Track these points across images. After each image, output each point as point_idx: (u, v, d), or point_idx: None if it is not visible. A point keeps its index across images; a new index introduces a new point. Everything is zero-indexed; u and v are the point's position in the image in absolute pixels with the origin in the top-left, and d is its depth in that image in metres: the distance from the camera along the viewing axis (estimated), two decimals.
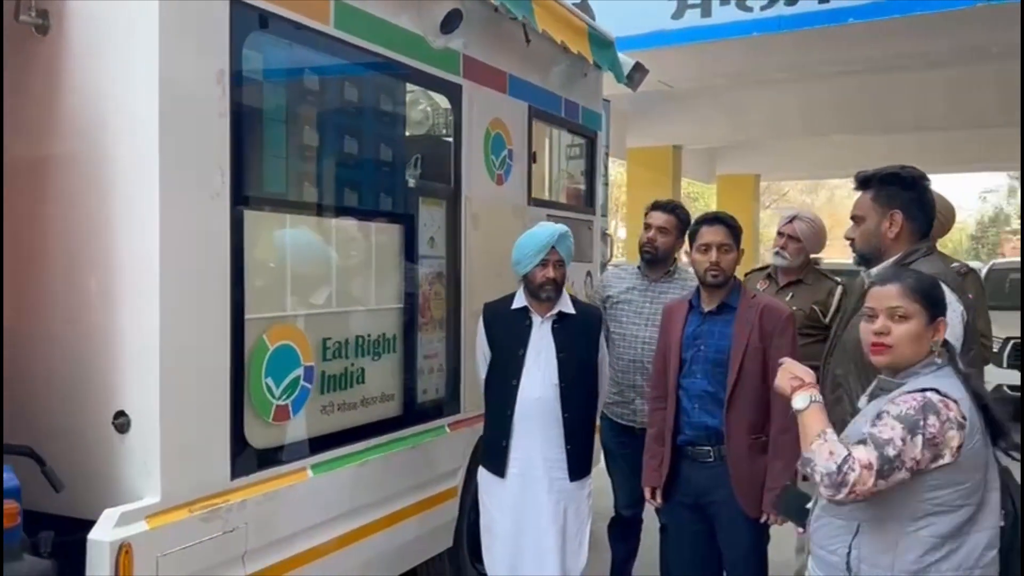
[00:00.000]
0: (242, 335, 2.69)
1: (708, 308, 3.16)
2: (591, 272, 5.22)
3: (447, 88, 3.79)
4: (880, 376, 2.16)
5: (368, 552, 3.27)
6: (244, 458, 2.70)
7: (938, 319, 2.11)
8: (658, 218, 3.96)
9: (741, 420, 3.04)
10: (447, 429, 3.79)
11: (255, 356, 2.76)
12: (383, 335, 3.43)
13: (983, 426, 2.01)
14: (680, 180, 14.49)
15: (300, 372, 2.96)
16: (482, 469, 3.44)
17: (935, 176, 2.81)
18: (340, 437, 3.17)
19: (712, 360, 3.08)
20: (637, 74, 5.44)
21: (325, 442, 3.09)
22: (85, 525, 2.30)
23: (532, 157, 4.52)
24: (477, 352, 3.53)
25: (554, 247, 3.29)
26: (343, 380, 3.20)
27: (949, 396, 1.98)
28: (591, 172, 5.40)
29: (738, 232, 3.19)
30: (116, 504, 2.34)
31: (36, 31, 2.53)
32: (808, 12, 7.82)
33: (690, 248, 3.22)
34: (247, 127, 2.72)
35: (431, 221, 3.72)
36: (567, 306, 3.38)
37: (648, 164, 13.23)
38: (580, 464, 3.35)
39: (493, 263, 3.94)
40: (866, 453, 1.91)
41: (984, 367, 3.29)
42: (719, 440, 3.07)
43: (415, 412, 3.61)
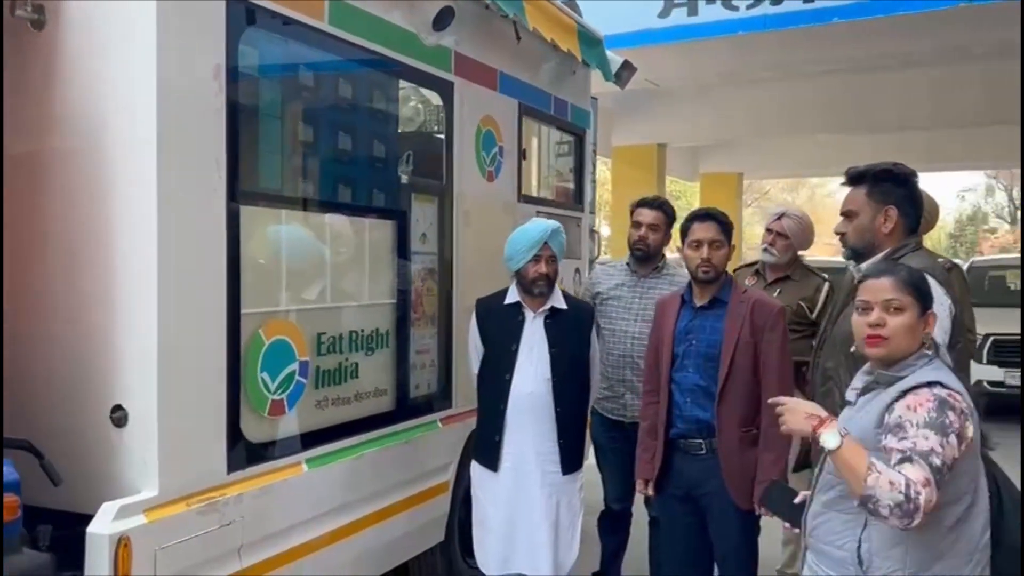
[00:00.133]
0: (238, 330, 2.70)
1: (700, 303, 3.20)
2: (579, 269, 5.26)
3: (439, 85, 3.81)
4: (878, 371, 2.16)
5: (362, 546, 3.29)
6: (240, 452, 2.71)
7: (928, 312, 2.14)
8: (647, 215, 4.00)
9: (732, 413, 3.08)
10: (439, 424, 3.81)
11: (251, 351, 2.77)
12: (376, 330, 3.45)
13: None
14: (665, 178, 14.55)
15: (295, 367, 2.97)
16: (475, 463, 3.47)
17: None
18: (334, 432, 3.18)
19: (704, 354, 3.12)
20: (625, 72, 5.48)
21: (320, 437, 3.10)
22: (83, 519, 2.31)
23: (522, 154, 4.55)
24: (470, 347, 3.56)
25: (547, 243, 3.33)
26: (337, 375, 3.22)
27: (953, 388, 2.02)
28: (580, 169, 5.43)
29: (729, 228, 3.23)
30: (113, 498, 2.34)
31: (32, 26, 2.52)
32: (793, 11, 7.89)
33: (682, 244, 3.25)
34: (243, 123, 2.73)
35: (423, 217, 3.74)
36: (559, 301, 3.41)
37: (633, 162, 13.29)
38: (572, 458, 3.38)
39: (484, 259, 3.97)
40: (919, 471, 1.89)
41: (971, 358, 3.34)
42: (710, 433, 3.11)
43: (407, 407, 3.63)
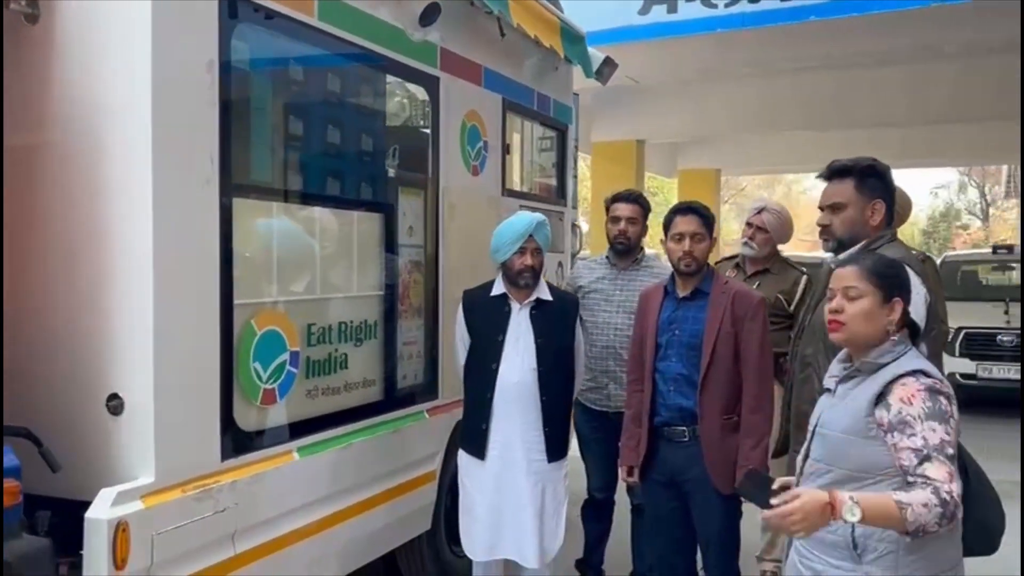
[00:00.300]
0: (231, 320, 2.74)
1: (682, 294, 3.28)
2: (562, 263, 5.33)
3: (425, 80, 3.86)
4: (860, 360, 2.22)
5: (351, 533, 3.34)
6: (233, 440, 2.76)
7: (894, 299, 2.20)
8: (625, 209, 4.08)
9: (714, 401, 3.17)
10: (426, 415, 3.87)
11: (243, 341, 2.82)
12: (365, 322, 3.50)
13: None
14: (644, 174, 14.64)
15: (286, 357, 3.02)
16: (462, 452, 3.54)
17: None
18: (324, 421, 3.23)
19: (687, 344, 3.20)
20: (606, 68, 5.55)
21: (310, 426, 3.15)
22: (80, 507, 2.34)
23: (506, 149, 4.61)
24: (456, 338, 3.62)
25: (532, 235, 3.40)
26: (327, 365, 3.27)
27: (935, 376, 2.11)
28: (562, 164, 5.50)
29: (711, 221, 3.31)
30: (110, 485, 2.37)
31: (26, 20, 2.55)
32: (770, 9, 8.01)
33: (664, 237, 3.33)
34: (235, 117, 2.77)
35: (410, 210, 3.79)
36: (545, 293, 3.48)
37: (612, 158, 13.36)
38: (558, 446, 3.46)
39: (469, 252, 4.03)
40: (941, 468, 1.97)
41: (943, 349, 3.45)
42: (693, 421, 3.19)
43: (395, 398, 3.68)
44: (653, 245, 5.73)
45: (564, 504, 3.51)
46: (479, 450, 3.43)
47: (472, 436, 3.47)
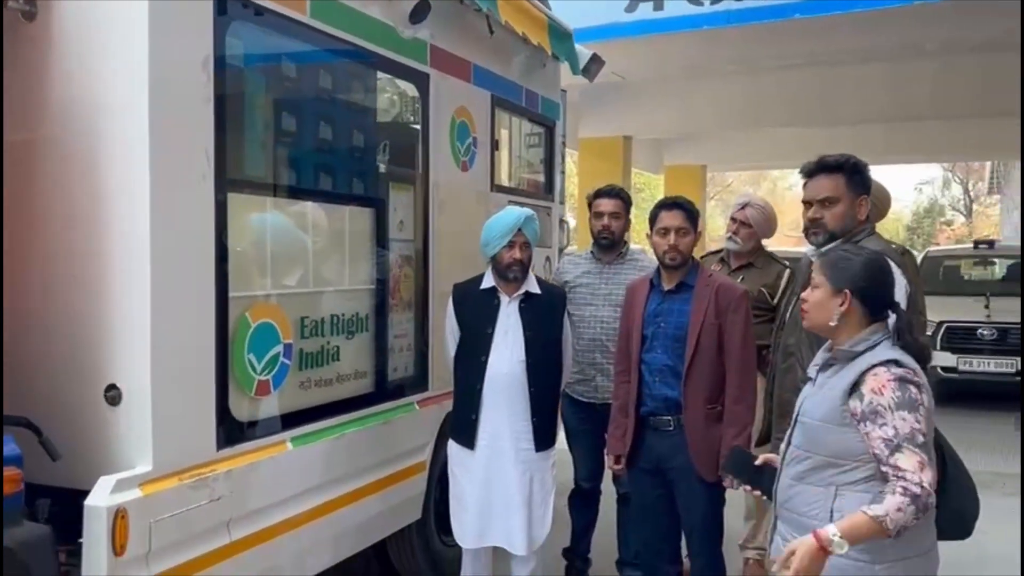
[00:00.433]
0: (226, 312, 2.80)
1: (668, 287, 3.36)
2: (550, 257, 5.40)
3: (415, 77, 3.92)
4: (836, 348, 2.33)
5: (342, 522, 3.40)
6: (229, 430, 2.81)
7: (842, 291, 2.28)
8: (608, 204, 4.15)
9: (698, 392, 3.25)
10: (416, 406, 3.93)
11: (238, 333, 2.87)
12: (356, 315, 3.56)
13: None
14: (630, 170, 14.74)
15: (280, 349, 3.07)
16: (452, 442, 3.60)
17: (872, 167, 3.04)
18: (317, 412, 3.29)
19: (672, 336, 3.28)
20: (594, 65, 5.60)
21: (303, 416, 3.21)
22: (79, 495, 2.39)
23: (495, 145, 4.67)
24: (446, 331, 3.69)
25: (521, 229, 3.47)
26: (319, 357, 3.33)
27: (908, 365, 2.19)
28: (550, 160, 5.57)
29: (695, 216, 3.38)
30: (108, 474, 2.42)
31: (23, 17, 2.59)
32: (755, 7, 8.11)
33: (650, 231, 3.40)
34: (230, 113, 2.82)
35: (401, 205, 3.85)
36: (533, 286, 3.55)
37: (599, 154, 13.45)
38: (545, 435, 3.53)
39: (459, 246, 4.09)
40: (912, 457, 2.07)
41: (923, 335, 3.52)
42: (678, 410, 3.27)
43: (386, 389, 3.74)
44: (640, 240, 5.80)
45: (552, 492, 3.58)
46: (469, 440, 3.50)
47: (462, 426, 3.54)
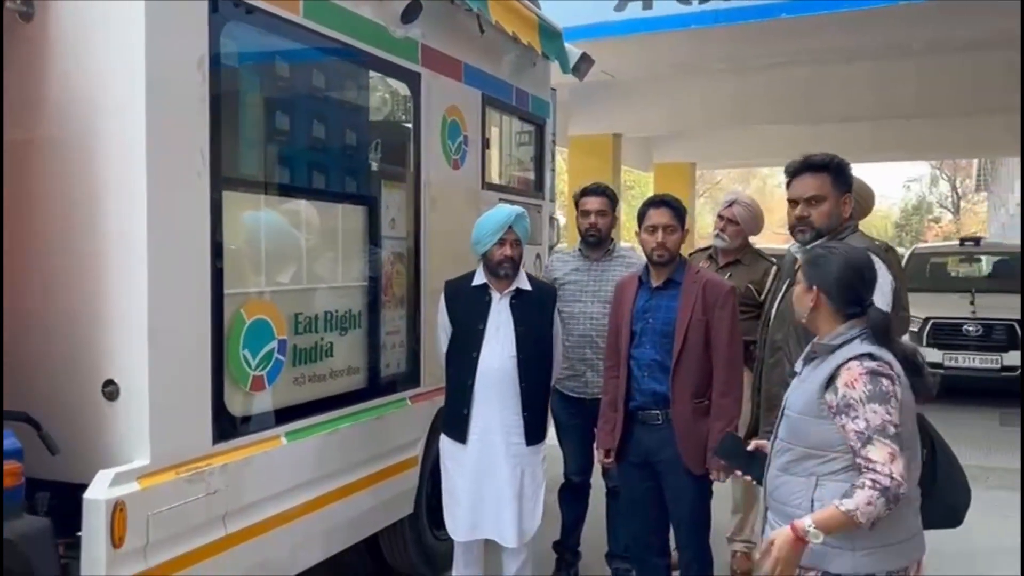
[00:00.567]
0: (221, 309, 2.84)
1: (656, 284, 3.41)
2: (540, 255, 5.45)
3: (407, 76, 3.96)
4: (815, 341, 2.41)
5: (335, 516, 3.45)
6: (224, 424, 2.86)
7: (812, 287, 2.39)
8: (595, 202, 4.20)
9: (686, 386, 3.30)
10: (408, 402, 3.98)
11: (233, 329, 2.92)
12: (349, 311, 3.60)
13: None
14: (620, 168, 14.80)
15: (274, 345, 3.12)
16: (444, 436, 3.65)
17: (859, 165, 3.10)
18: (311, 407, 3.34)
19: (660, 331, 3.34)
20: (583, 64, 5.64)
21: (297, 411, 3.26)
22: (77, 489, 2.43)
23: (485, 143, 4.72)
24: (438, 327, 3.73)
25: (511, 227, 3.52)
26: (313, 353, 3.37)
27: (883, 359, 2.26)
28: (540, 158, 5.62)
29: (682, 213, 3.44)
30: (107, 468, 2.47)
31: (20, 17, 2.62)
32: (743, 7, 8.19)
33: (639, 229, 3.46)
34: (225, 112, 2.86)
35: (393, 203, 3.90)
36: (524, 283, 3.60)
37: (589, 152, 13.50)
38: (536, 430, 3.58)
39: (450, 244, 4.14)
40: (882, 449, 2.15)
41: (906, 333, 3.60)
42: (666, 404, 3.32)
43: (379, 385, 3.79)
44: (629, 238, 5.86)
45: (542, 486, 3.64)
46: (460, 434, 3.55)
47: (453, 421, 3.59)
